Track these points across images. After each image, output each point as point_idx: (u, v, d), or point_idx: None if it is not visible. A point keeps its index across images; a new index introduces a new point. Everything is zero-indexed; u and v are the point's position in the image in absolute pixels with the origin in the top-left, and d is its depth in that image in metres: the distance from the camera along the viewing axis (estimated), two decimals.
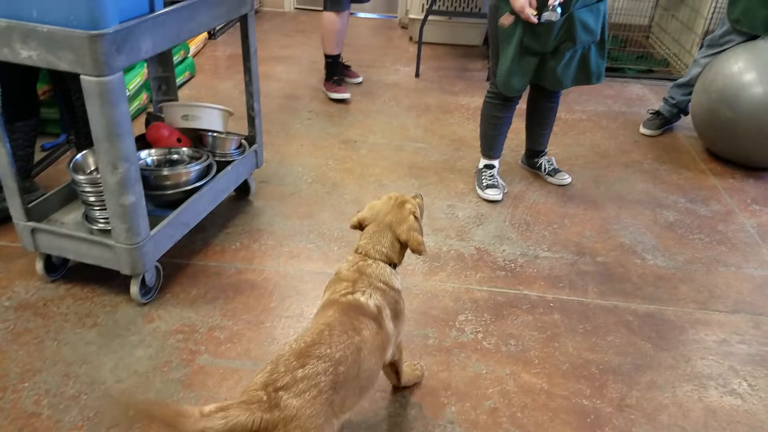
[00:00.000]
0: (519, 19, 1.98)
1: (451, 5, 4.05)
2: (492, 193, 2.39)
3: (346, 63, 3.47)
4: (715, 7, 3.47)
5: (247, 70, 2.10)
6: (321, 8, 3.07)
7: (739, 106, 2.50)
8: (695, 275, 2.04)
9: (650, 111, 3.11)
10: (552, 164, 2.56)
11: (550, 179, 2.55)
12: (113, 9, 1.42)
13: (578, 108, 3.27)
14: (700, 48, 2.96)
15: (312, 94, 3.28)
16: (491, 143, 2.43)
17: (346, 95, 3.17)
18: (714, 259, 2.13)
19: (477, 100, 3.32)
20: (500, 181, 2.46)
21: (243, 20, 2.01)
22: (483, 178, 2.44)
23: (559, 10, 1.94)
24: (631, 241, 2.21)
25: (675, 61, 3.87)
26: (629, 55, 3.95)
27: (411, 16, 4.19)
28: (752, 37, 2.63)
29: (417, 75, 3.61)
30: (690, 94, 2.87)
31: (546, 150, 2.58)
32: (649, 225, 2.31)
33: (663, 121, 3.02)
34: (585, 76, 2.19)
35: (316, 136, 2.84)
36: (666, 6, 4.11)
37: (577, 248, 2.16)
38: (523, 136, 2.59)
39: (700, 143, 2.92)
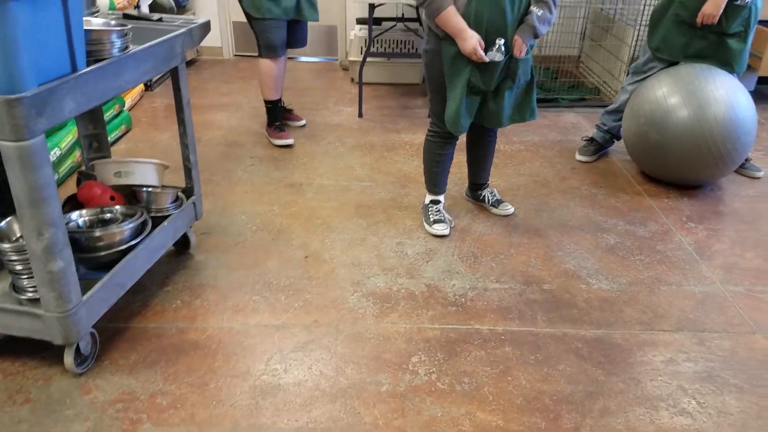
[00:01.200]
0: (467, 60, 2.07)
1: (389, 47, 4.14)
2: (439, 228, 2.41)
3: (287, 107, 3.48)
4: (637, 37, 3.66)
5: (181, 122, 2.07)
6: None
7: (667, 129, 2.62)
8: (639, 296, 2.09)
9: (584, 138, 3.22)
10: (495, 195, 2.61)
11: (494, 210, 2.59)
12: (31, 71, 1.38)
13: (516, 139, 3.36)
14: (627, 75, 3.10)
15: (255, 139, 3.26)
16: (435, 179, 2.46)
17: (289, 141, 3.17)
18: (655, 278, 2.19)
19: (420, 137, 3.37)
20: (446, 215, 2.49)
21: (174, 73, 1.99)
22: (430, 213, 2.46)
23: (503, 49, 2.04)
24: (575, 267, 2.25)
25: (605, 89, 4.04)
26: (562, 85, 4.11)
27: (351, 58, 4.26)
28: (672, 63, 2.78)
29: (360, 115, 3.65)
30: (620, 119, 2.99)
31: (488, 182, 2.64)
32: (591, 249, 2.36)
33: (597, 147, 3.13)
34: (520, 115, 2.30)
35: (260, 181, 2.81)
36: (593, 37, 4.31)
37: (524, 277, 2.18)
38: (465, 169, 2.63)
39: (634, 166, 3.03)
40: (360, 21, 4.24)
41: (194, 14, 4.49)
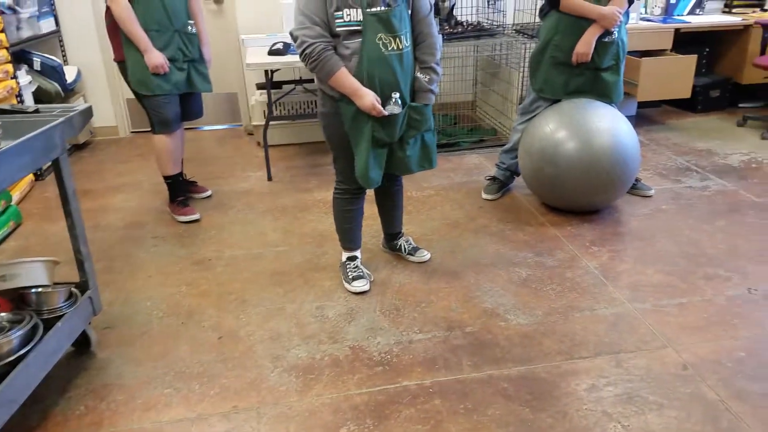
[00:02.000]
0: (367, 116, 2.12)
1: (292, 108, 4.17)
2: (359, 285, 2.39)
3: (190, 179, 3.39)
4: (522, 79, 3.90)
5: (68, 214, 1.95)
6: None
7: (558, 162, 2.77)
8: (555, 326, 2.14)
9: (487, 177, 3.35)
10: (410, 244, 2.64)
11: (411, 258, 2.61)
12: None
13: (426, 185, 3.43)
14: (518, 115, 3.28)
15: (157, 217, 3.14)
16: (349, 236, 2.46)
17: (194, 216, 3.07)
18: (569, 306, 2.26)
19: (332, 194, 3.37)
20: (365, 270, 2.47)
21: (55, 164, 1.88)
22: (348, 270, 2.44)
23: (399, 102, 2.12)
24: (493, 305, 2.28)
25: (501, 129, 4.25)
26: (461, 129, 4.28)
27: (254, 123, 4.24)
28: (556, 101, 2.97)
29: (269, 178, 3.62)
30: (516, 157, 3.13)
31: (402, 231, 2.66)
32: (506, 285, 2.41)
33: (500, 185, 3.26)
34: (428, 161, 2.34)
35: (164, 262, 2.68)
36: (484, 82, 4.55)
37: (447, 323, 2.18)
38: (378, 221, 2.64)
39: (536, 199, 3.17)
40: (260, 86, 4.25)
41: (84, 96, 4.34)
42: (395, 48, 2.07)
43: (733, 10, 4.69)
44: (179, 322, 2.25)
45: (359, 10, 2.00)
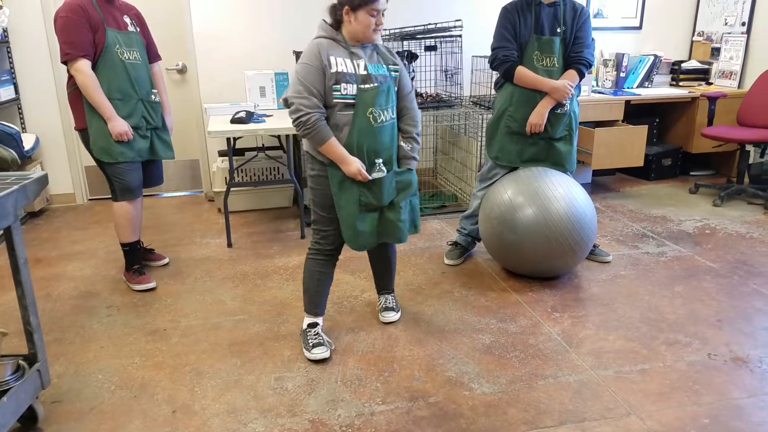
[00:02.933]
0: (354, 182, 2.25)
1: (254, 174, 4.18)
2: (318, 352, 2.34)
3: (148, 247, 3.32)
4: (480, 147, 4.02)
5: (19, 283, 1.87)
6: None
7: (518, 227, 2.81)
8: (519, 394, 2.11)
9: (449, 242, 3.38)
10: (388, 302, 2.68)
11: (380, 315, 2.65)
12: None
13: None
14: (477, 182, 3.35)
15: (112, 286, 3.03)
16: (316, 299, 2.44)
17: (150, 285, 2.98)
18: (532, 373, 2.23)
19: (294, 259, 3.33)
20: (325, 338, 2.42)
21: (7, 233, 1.82)
22: (308, 338, 2.40)
23: (383, 168, 2.29)
24: (456, 374, 2.24)
25: (461, 195, 4.33)
26: (423, 195, 4.35)
27: (215, 189, 4.22)
28: (513, 168, 3.05)
29: (229, 245, 3.56)
30: (476, 223, 3.18)
31: (392, 289, 2.71)
32: (470, 352, 2.38)
33: (462, 250, 3.28)
34: (413, 226, 2.47)
35: (118, 333, 2.57)
36: (444, 150, 4.68)
37: (410, 393, 2.12)
38: (341, 289, 2.61)
39: (497, 264, 3.20)
40: (222, 153, 4.28)
41: (41, 164, 4.27)
42: (382, 121, 2.24)
43: (680, 84, 5.01)
44: (131, 395, 2.13)
45: (354, 86, 2.17)
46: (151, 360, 2.36)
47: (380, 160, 2.27)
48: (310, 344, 2.37)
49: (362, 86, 2.18)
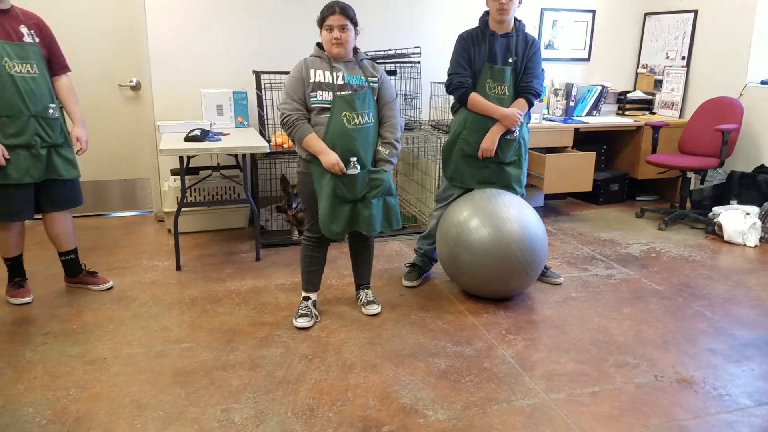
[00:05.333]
0: (330, 174, 2.56)
1: (208, 194, 4.08)
2: (302, 321, 2.74)
3: (90, 270, 3.16)
4: (438, 169, 4.05)
5: None
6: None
7: (473, 248, 2.82)
8: (473, 420, 2.08)
9: (407, 264, 3.37)
10: (368, 296, 2.94)
11: (363, 309, 2.91)
12: None
13: (347, 273, 3.38)
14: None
15: (49, 312, 2.87)
16: (307, 278, 2.83)
17: (26, 299, 2.92)
18: (486, 398, 2.22)
19: (248, 283, 3.24)
20: (314, 311, 2.82)
21: None
22: (299, 308, 2.81)
23: (357, 165, 2.57)
24: (411, 400, 2.20)
25: (420, 216, 4.35)
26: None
27: (166, 209, 4.09)
28: (468, 189, 3.08)
29: (178, 268, 3.44)
30: (433, 243, 3.18)
31: (367, 283, 2.98)
32: (425, 378, 2.35)
33: (419, 271, 3.27)
34: (388, 223, 2.73)
35: (53, 362, 2.42)
36: (404, 172, 4.69)
37: (363, 423, 2.07)
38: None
39: (454, 286, 3.19)
40: (174, 172, 4.16)
41: None
42: (357, 123, 2.55)
43: (626, 113, 5.20)
44: (64, 430, 1.99)
45: (330, 93, 2.53)
46: (89, 391, 2.23)
47: (354, 159, 2.56)
48: (298, 314, 2.79)
49: (338, 93, 2.53)
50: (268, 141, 3.71)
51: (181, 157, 3.38)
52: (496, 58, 2.92)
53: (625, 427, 2.07)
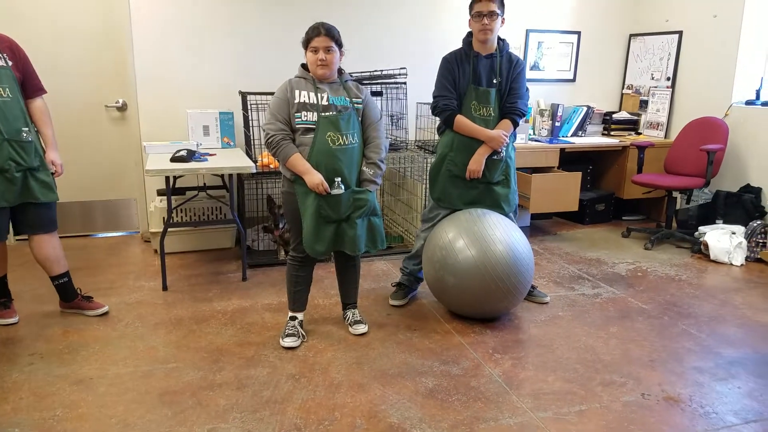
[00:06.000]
0: (314, 194, 2.57)
1: (195, 215, 4.08)
2: (288, 341, 2.75)
3: (85, 294, 3.12)
4: (425, 190, 4.08)
5: None
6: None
7: (459, 269, 2.84)
8: None
9: (393, 284, 3.38)
10: (355, 316, 2.94)
11: (350, 329, 2.91)
12: None
13: (334, 292, 3.38)
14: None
15: (37, 332, 2.84)
16: (294, 297, 2.84)
17: (11, 320, 2.89)
18: (474, 417, 2.22)
19: (234, 303, 3.24)
20: (300, 330, 2.82)
21: None
22: (286, 328, 2.81)
23: (341, 186, 2.59)
24: (399, 419, 2.19)
25: (407, 236, 4.37)
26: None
27: (152, 230, 4.09)
28: (455, 209, 3.11)
29: (165, 288, 3.42)
30: (419, 263, 3.20)
31: (354, 302, 2.99)
32: (412, 396, 2.35)
33: (406, 290, 3.28)
34: (373, 243, 2.75)
35: (40, 383, 2.40)
36: (391, 192, 4.73)
37: None
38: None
39: (441, 305, 3.20)
40: (160, 192, 4.16)
41: None
42: (341, 144, 2.56)
43: (612, 133, 5.29)
44: None
45: (315, 113, 2.54)
46: (75, 412, 2.20)
47: (339, 179, 2.57)
48: (285, 333, 2.79)
49: (323, 114, 2.55)
50: (255, 161, 3.73)
51: (167, 178, 3.38)
52: (480, 79, 2.97)
53: None
